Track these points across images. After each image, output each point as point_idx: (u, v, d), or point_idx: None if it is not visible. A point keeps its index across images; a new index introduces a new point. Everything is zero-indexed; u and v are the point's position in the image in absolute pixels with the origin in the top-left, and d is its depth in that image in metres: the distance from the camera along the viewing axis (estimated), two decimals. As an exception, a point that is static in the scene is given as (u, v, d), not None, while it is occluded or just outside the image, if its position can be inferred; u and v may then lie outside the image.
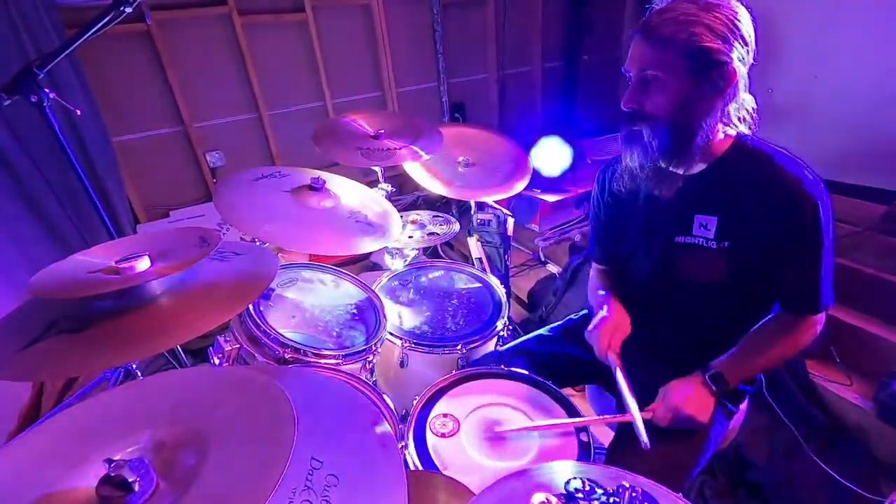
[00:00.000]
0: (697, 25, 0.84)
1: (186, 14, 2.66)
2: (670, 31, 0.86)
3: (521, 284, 2.62)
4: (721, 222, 0.97)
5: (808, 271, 0.94)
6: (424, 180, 1.77)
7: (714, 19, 0.84)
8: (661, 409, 0.98)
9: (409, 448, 0.96)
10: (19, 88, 1.21)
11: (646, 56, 0.90)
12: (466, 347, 1.37)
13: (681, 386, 0.99)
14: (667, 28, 0.86)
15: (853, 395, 1.66)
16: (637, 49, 0.91)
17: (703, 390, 0.99)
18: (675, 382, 1.01)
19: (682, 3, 0.87)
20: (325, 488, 0.58)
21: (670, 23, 0.86)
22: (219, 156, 2.98)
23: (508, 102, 3.92)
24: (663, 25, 0.87)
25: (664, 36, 0.86)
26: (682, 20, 0.85)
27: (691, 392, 0.98)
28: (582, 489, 0.64)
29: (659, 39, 0.87)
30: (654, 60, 0.89)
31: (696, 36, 0.84)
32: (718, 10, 0.85)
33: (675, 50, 0.86)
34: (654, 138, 0.94)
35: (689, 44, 0.85)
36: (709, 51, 0.84)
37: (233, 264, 1.01)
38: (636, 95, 0.93)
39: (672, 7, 0.88)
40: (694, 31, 0.84)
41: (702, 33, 0.84)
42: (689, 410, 0.96)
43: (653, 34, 0.88)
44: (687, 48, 0.85)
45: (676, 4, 0.88)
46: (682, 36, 0.85)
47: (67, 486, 0.54)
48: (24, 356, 0.77)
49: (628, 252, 1.16)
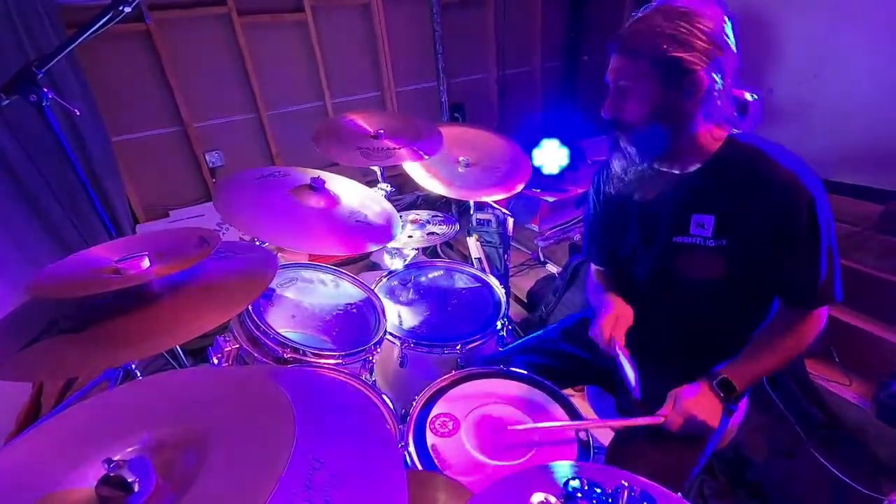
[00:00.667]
0: (662, 37, 0.88)
1: (186, 14, 2.66)
2: (638, 42, 0.91)
3: (521, 284, 2.62)
4: (718, 220, 0.98)
5: (806, 263, 0.94)
6: (424, 180, 1.77)
7: (681, 29, 0.87)
8: (672, 414, 0.98)
9: (408, 448, 0.96)
10: (19, 88, 1.21)
11: (619, 67, 0.95)
12: (466, 347, 1.37)
13: (691, 392, 0.99)
14: (634, 40, 0.91)
15: (853, 395, 1.66)
16: (613, 60, 0.96)
17: (712, 396, 0.99)
18: (685, 388, 1.00)
19: (653, 14, 0.91)
20: (325, 488, 0.58)
21: (638, 35, 0.91)
22: (218, 156, 2.98)
23: (508, 102, 3.92)
24: (632, 37, 0.92)
25: (633, 48, 0.92)
26: (647, 33, 0.89)
27: (702, 398, 0.98)
28: (581, 489, 0.64)
29: (629, 51, 0.93)
30: (627, 71, 0.94)
31: (661, 48, 0.88)
32: (686, 18, 0.87)
33: (643, 61, 0.91)
34: (629, 145, 1.00)
35: (655, 55, 0.89)
36: (676, 60, 0.88)
37: (233, 264, 1.01)
38: (614, 104, 0.98)
39: (642, 19, 0.92)
40: (659, 42, 0.88)
41: (666, 44, 0.88)
42: (701, 416, 0.96)
43: (623, 46, 0.93)
44: (654, 59, 0.89)
45: (647, 16, 0.92)
46: (648, 46, 0.89)
47: (67, 486, 0.53)
48: (23, 356, 0.77)
49: (626, 254, 1.17)
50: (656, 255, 1.09)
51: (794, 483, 1.53)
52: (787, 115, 2.30)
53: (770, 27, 2.27)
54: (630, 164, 1.02)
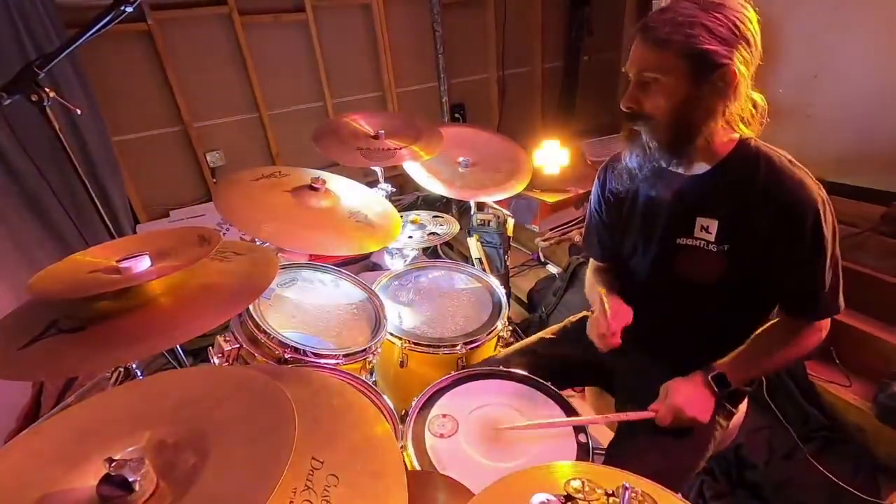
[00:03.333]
0: (696, 27, 0.83)
1: (186, 14, 2.66)
2: (668, 32, 0.84)
3: (521, 284, 2.62)
4: (722, 225, 0.97)
5: (807, 275, 0.93)
6: (424, 180, 1.77)
7: (714, 20, 0.83)
8: (662, 408, 0.98)
9: (408, 448, 0.96)
10: (19, 88, 1.21)
11: (645, 58, 0.89)
12: (466, 347, 1.37)
13: (683, 386, 0.99)
14: (665, 29, 0.85)
15: (852, 395, 1.66)
16: (636, 50, 0.90)
17: (704, 391, 0.99)
18: (676, 381, 1.00)
19: (682, 2, 0.86)
20: (325, 488, 0.58)
21: (668, 24, 0.85)
22: (219, 156, 2.98)
23: (508, 102, 3.92)
24: (661, 26, 0.85)
25: (662, 37, 0.85)
26: (680, 21, 0.84)
27: (693, 392, 0.98)
28: (581, 489, 0.64)
29: (657, 41, 0.86)
30: (653, 62, 0.88)
31: (694, 38, 0.83)
32: (720, 9, 0.84)
33: (673, 52, 0.85)
34: (652, 139, 0.94)
35: (687, 46, 0.84)
36: (708, 53, 0.83)
37: (233, 264, 1.01)
38: (635, 96, 0.92)
39: (671, 7, 0.86)
40: (692, 32, 0.83)
41: (700, 35, 0.83)
42: (691, 412, 0.96)
43: (651, 35, 0.87)
44: (685, 50, 0.84)
45: (676, 4, 0.86)
46: (680, 38, 0.84)
47: (67, 486, 0.53)
48: (23, 356, 0.77)
49: (628, 251, 1.16)
50: (658, 254, 1.08)
51: (794, 485, 1.53)
52: (787, 115, 2.29)
53: (770, 27, 2.27)
54: (647, 160, 0.97)
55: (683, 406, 0.96)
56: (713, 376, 0.99)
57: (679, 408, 0.96)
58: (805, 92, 2.25)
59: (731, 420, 1.12)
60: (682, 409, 0.96)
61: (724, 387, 0.98)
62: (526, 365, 1.21)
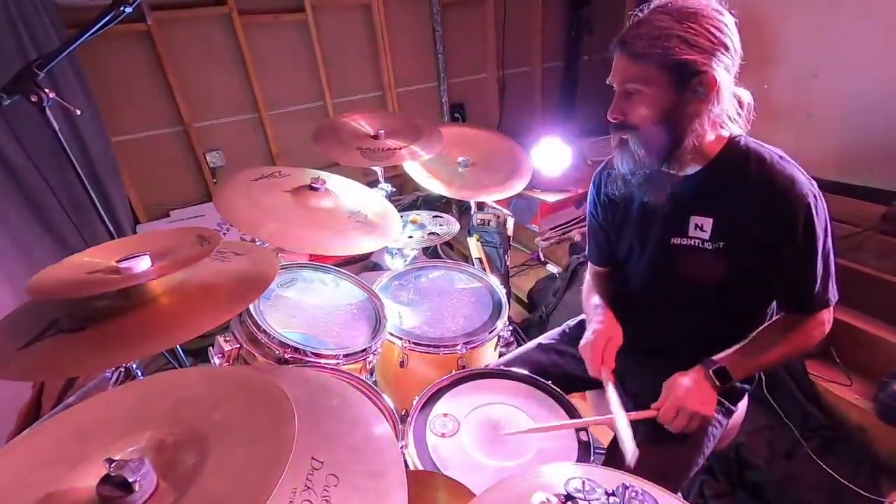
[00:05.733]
0: (672, 39, 0.84)
1: (186, 14, 2.66)
2: (645, 47, 0.86)
3: (521, 284, 2.62)
4: (716, 223, 0.97)
5: (802, 270, 0.94)
6: (424, 180, 1.77)
7: (690, 30, 0.84)
8: (665, 405, 0.98)
9: (408, 448, 0.96)
10: (19, 88, 1.21)
11: (626, 71, 0.91)
12: (466, 347, 1.37)
13: (684, 381, 0.99)
14: (642, 43, 0.86)
15: (853, 395, 1.66)
16: (618, 63, 0.92)
17: (705, 384, 0.99)
18: (677, 377, 1.01)
19: (657, 14, 0.87)
20: (325, 488, 0.58)
21: (645, 38, 0.86)
22: (219, 156, 2.98)
23: (508, 102, 3.92)
24: (639, 41, 0.87)
25: (640, 52, 0.87)
26: (656, 35, 0.85)
27: (694, 387, 0.98)
28: (582, 489, 0.64)
29: (635, 55, 0.88)
30: (634, 75, 0.90)
31: (671, 50, 0.85)
32: (694, 19, 0.85)
33: (652, 64, 0.87)
34: (640, 147, 0.96)
35: (665, 58, 0.85)
36: (686, 62, 0.85)
37: (233, 264, 1.01)
38: (620, 107, 0.95)
39: (647, 20, 0.88)
40: (669, 45, 0.84)
41: (677, 47, 0.84)
42: (693, 406, 0.96)
43: (629, 50, 0.89)
44: (664, 62, 0.86)
45: (651, 16, 0.88)
46: (657, 51, 0.85)
47: (67, 486, 0.53)
48: (23, 356, 0.77)
49: (625, 254, 1.17)
50: (654, 255, 1.09)
51: (795, 484, 1.53)
52: (786, 115, 2.29)
53: (770, 27, 2.27)
54: (638, 166, 0.99)
55: (685, 399, 0.96)
56: (714, 370, 0.99)
57: (681, 401, 0.96)
58: (805, 91, 2.26)
59: (730, 418, 1.12)
60: (685, 402, 0.96)
61: (725, 380, 0.98)
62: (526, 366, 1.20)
